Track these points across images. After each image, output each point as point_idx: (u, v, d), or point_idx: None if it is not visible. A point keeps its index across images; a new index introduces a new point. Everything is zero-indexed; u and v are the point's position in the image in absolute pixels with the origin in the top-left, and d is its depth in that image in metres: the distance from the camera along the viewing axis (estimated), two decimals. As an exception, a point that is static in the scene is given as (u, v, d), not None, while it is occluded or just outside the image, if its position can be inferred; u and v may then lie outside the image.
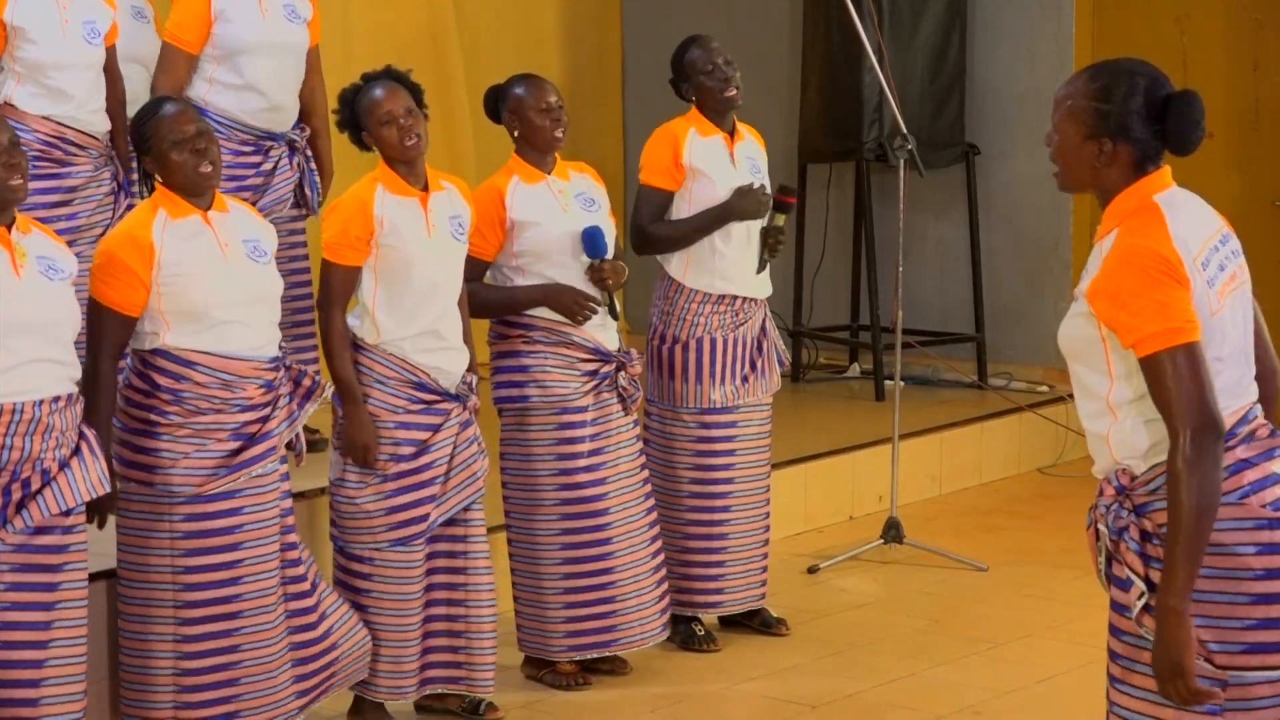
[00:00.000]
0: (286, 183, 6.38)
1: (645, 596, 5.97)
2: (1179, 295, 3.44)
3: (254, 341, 5.02)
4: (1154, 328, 3.43)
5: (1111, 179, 3.57)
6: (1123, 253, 3.48)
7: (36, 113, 5.99)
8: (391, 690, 5.49)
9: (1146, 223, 3.51)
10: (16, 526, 4.58)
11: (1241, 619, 3.47)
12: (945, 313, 9.19)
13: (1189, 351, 3.42)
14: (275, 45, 6.30)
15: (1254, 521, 3.47)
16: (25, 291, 4.57)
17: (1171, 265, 3.45)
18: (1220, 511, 3.45)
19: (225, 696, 5.02)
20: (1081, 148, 3.57)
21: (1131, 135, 3.53)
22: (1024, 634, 6.38)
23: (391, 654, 5.46)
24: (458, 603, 5.55)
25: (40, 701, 4.64)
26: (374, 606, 5.44)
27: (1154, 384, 3.45)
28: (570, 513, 5.86)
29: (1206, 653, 3.48)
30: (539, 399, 5.82)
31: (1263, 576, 3.46)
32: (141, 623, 5.01)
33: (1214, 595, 3.47)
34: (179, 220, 4.98)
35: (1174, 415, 3.42)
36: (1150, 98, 3.53)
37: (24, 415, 4.55)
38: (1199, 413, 3.41)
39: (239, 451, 5.00)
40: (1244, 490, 3.49)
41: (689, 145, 6.19)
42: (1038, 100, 9.06)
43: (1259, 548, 3.46)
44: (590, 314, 5.80)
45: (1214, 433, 3.41)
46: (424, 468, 5.44)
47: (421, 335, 5.42)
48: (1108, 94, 3.55)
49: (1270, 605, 3.47)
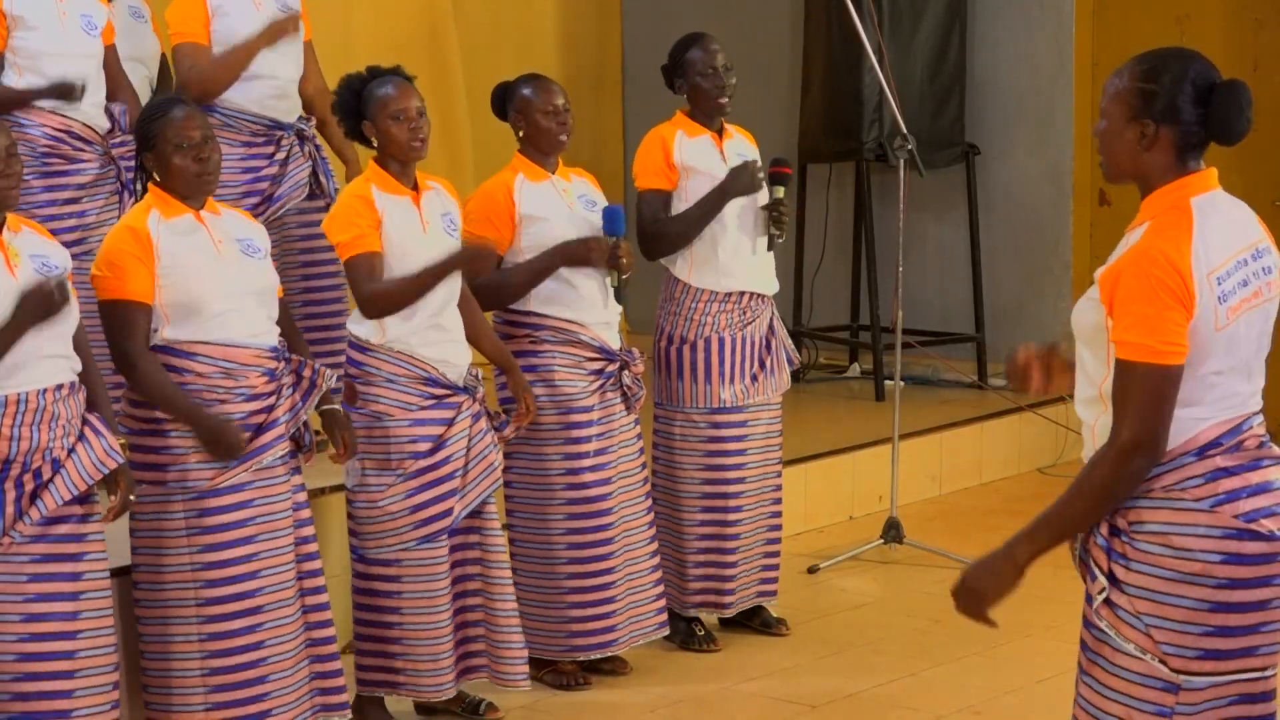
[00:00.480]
0: (301, 169, 6.38)
1: (643, 594, 5.98)
2: (1172, 316, 3.44)
3: (252, 329, 5.03)
4: (1136, 338, 3.45)
5: (1153, 165, 3.54)
6: (1140, 251, 3.48)
7: (41, 106, 5.99)
8: (435, 688, 5.50)
9: (1173, 225, 3.49)
10: (33, 518, 4.59)
11: (1199, 625, 3.48)
12: (945, 313, 9.20)
13: (1163, 374, 3.44)
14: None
15: (1222, 530, 3.48)
16: (21, 290, 4.57)
17: (1180, 278, 3.44)
18: (1191, 517, 3.49)
19: (256, 695, 5.03)
20: (1125, 130, 3.55)
21: (1175, 118, 3.51)
22: (1024, 634, 6.38)
23: (428, 652, 5.47)
24: (480, 593, 5.56)
25: (75, 693, 4.66)
26: (406, 608, 5.45)
27: (1118, 384, 3.48)
28: (576, 512, 5.86)
29: (1161, 654, 3.50)
30: (547, 398, 5.82)
31: (1225, 585, 3.47)
32: (164, 624, 5.02)
33: (1174, 599, 3.49)
34: (172, 219, 5.00)
35: (1121, 417, 3.47)
36: (1198, 83, 3.51)
37: (29, 405, 4.57)
38: (1142, 431, 3.45)
39: (246, 443, 5.00)
40: (1218, 498, 3.49)
41: (678, 146, 6.20)
42: (1038, 100, 9.08)
43: (1224, 557, 3.47)
44: (603, 252, 5.77)
45: (1146, 454, 3.46)
46: (443, 462, 5.44)
47: (425, 330, 5.42)
48: (1155, 76, 3.53)
49: (1229, 614, 3.48)
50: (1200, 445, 3.51)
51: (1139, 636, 3.52)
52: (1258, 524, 3.47)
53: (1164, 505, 3.50)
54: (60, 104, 6.02)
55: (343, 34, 8.27)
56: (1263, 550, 3.48)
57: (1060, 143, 9.02)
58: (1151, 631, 3.50)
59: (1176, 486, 3.50)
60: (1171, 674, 3.49)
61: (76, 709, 4.66)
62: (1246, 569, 3.47)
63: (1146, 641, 3.51)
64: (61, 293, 4.56)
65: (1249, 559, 3.47)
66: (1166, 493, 3.50)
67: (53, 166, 5.94)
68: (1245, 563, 3.47)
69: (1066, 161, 9.02)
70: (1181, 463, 3.50)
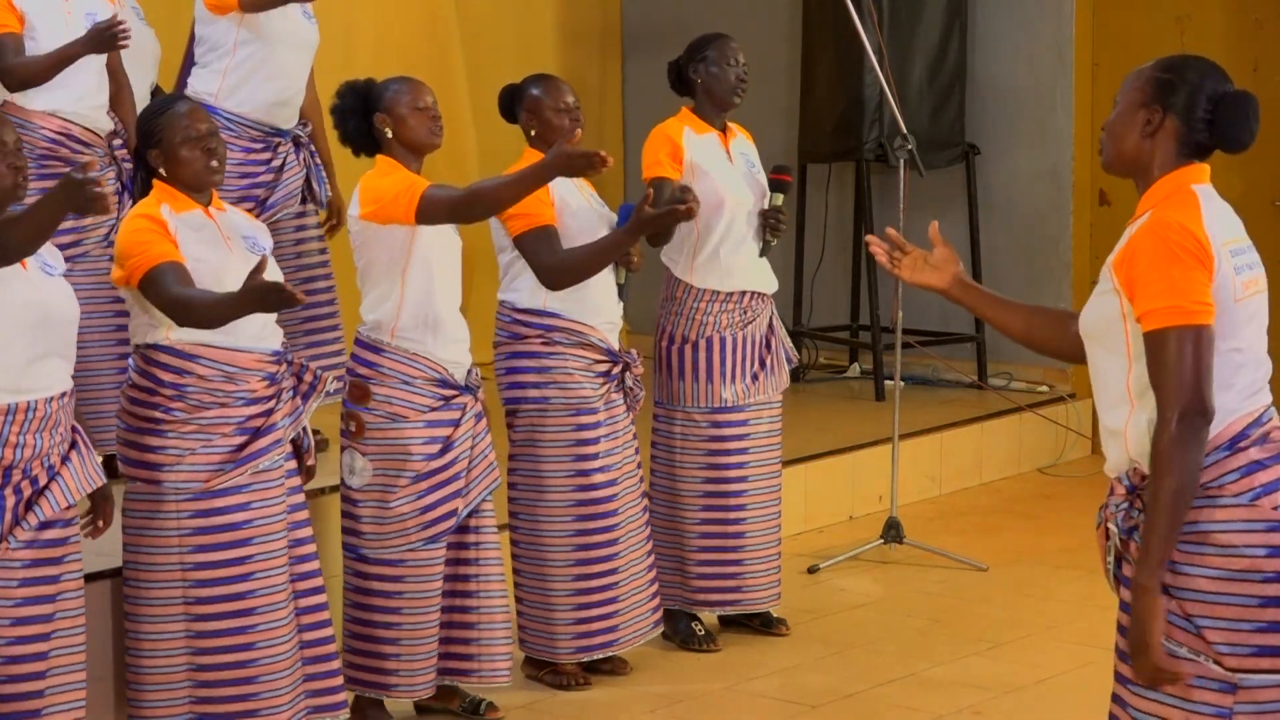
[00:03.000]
0: (296, 178, 6.40)
1: (641, 595, 5.99)
2: (1198, 276, 3.43)
3: (255, 331, 5.03)
4: (1164, 302, 3.43)
5: (1153, 154, 3.56)
6: (1152, 225, 3.49)
7: (40, 109, 5.99)
8: (421, 687, 5.51)
9: (1181, 203, 3.51)
10: (30, 523, 4.59)
11: (1251, 621, 3.46)
12: (945, 313, 9.18)
13: (1196, 334, 3.42)
14: (294, 40, 6.33)
15: (1265, 524, 3.47)
16: (32, 289, 4.57)
17: (1199, 243, 3.45)
18: (1231, 513, 3.46)
19: (243, 695, 5.01)
20: (1133, 114, 3.58)
21: (1184, 113, 3.53)
22: (1024, 634, 6.38)
23: (418, 651, 5.48)
24: (470, 594, 5.56)
25: (45, 693, 4.65)
26: (405, 608, 5.45)
27: (1153, 360, 3.46)
28: (584, 514, 5.86)
29: (1215, 654, 3.47)
30: (559, 400, 5.82)
31: (1273, 579, 3.46)
32: (152, 623, 5.00)
33: (1224, 597, 3.47)
34: (182, 213, 5.00)
35: (1166, 393, 3.43)
36: (1211, 85, 3.54)
37: (36, 413, 4.56)
38: (1192, 394, 3.41)
39: (244, 446, 5.00)
40: (1255, 492, 3.48)
41: (687, 143, 6.21)
42: (1038, 100, 9.07)
43: (1270, 550, 3.46)
44: (593, 162, 5.35)
45: (1202, 417, 3.42)
46: (450, 464, 5.46)
47: (435, 331, 5.43)
48: (1175, 69, 3.56)
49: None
50: (1230, 438, 3.50)
51: (1191, 639, 3.49)
52: None
53: (1203, 503, 3.48)
54: (61, 106, 6.02)
55: (343, 34, 8.27)
56: None
57: (1060, 143, 9.02)
58: (1204, 632, 3.47)
59: (1214, 484, 3.48)
60: (1227, 674, 3.47)
61: (46, 707, 4.65)
62: None
63: (1199, 643, 3.48)
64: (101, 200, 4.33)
65: None
66: (1204, 490, 3.48)
67: (50, 169, 5.94)
68: None
69: (1066, 161, 9.01)
70: (1215, 458, 3.49)
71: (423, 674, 5.50)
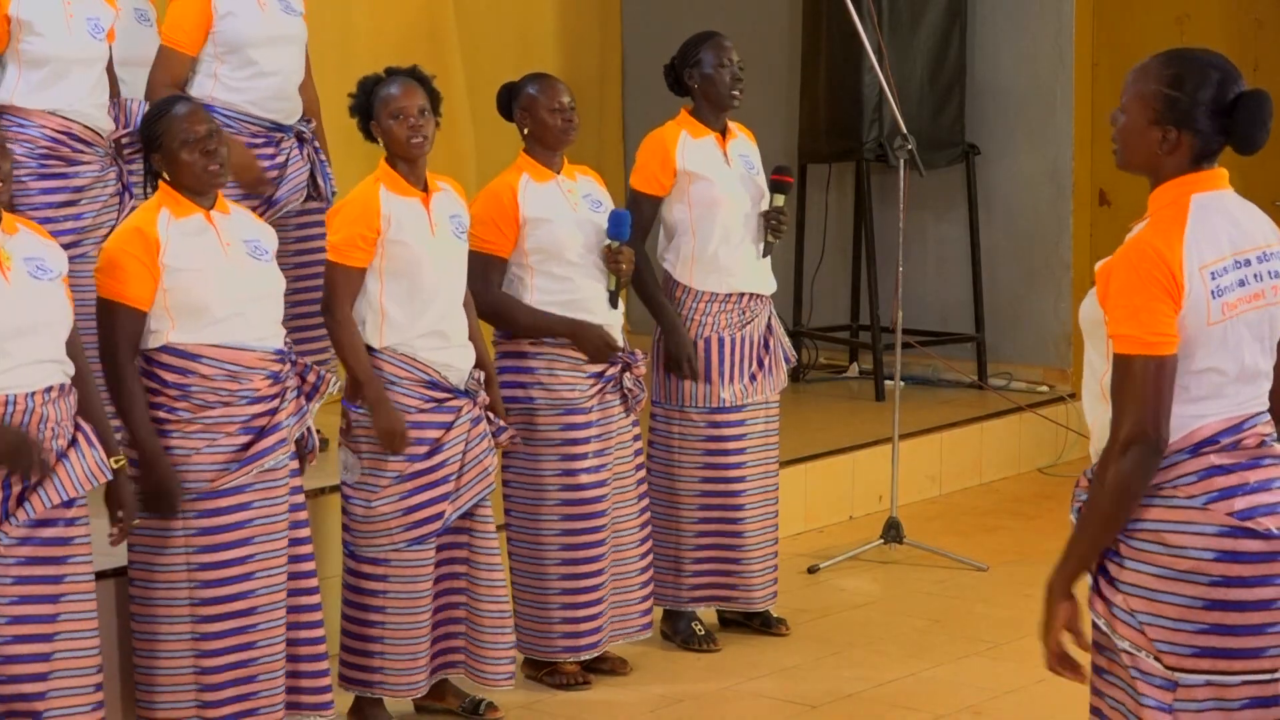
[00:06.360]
0: (300, 172, 6.39)
1: (629, 595, 6.01)
2: (1160, 307, 3.46)
3: (258, 333, 5.03)
4: (1127, 330, 3.47)
5: (1169, 167, 3.57)
6: (1131, 246, 3.52)
7: (41, 108, 5.99)
8: (406, 687, 5.51)
9: (1168, 220, 3.53)
10: (19, 519, 4.58)
11: (1194, 623, 3.49)
12: (945, 313, 9.19)
13: (1158, 364, 3.46)
14: (277, 37, 6.32)
15: (1216, 528, 3.49)
16: (14, 295, 4.56)
17: (1167, 269, 3.46)
18: (1183, 514, 3.50)
19: (245, 694, 5.03)
20: (1147, 132, 3.57)
21: (1196, 127, 3.54)
22: (1024, 634, 6.37)
23: (404, 651, 5.47)
24: (464, 591, 5.56)
25: (48, 695, 4.65)
26: (390, 607, 5.46)
27: (1115, 378, 3.51)
28: (571, 514, 5.86)
29: (1155, 651, 3.50)
30: (544, 400, 5.83)
31: (1219, 583, 3.48)
32: (157, 623, 5.01)
33: (1168, 596, 3.49)
34: (182, 219, 5.00)
35: (1120, 416, 3.48)
36: (1220, 93, 3.54)
37: (17, 406, 4.54)
38: (1142, 424, 3.45)
39: (248, 446, 5.00)
40: (1211, 495, 3.50)
41: (681, 150, 6.20)
42: (1038, 100, 9.07)
43: (1218, 554, 3.48)
44: (611, 359, 5.84)
45: (1150, 448, 3.46)
46: (438, 466, 5.45)
47: (428, 335, 5.43)
48: (1180, 83, 3.54)
49: (1224, 612, 3.48)
50: (1195, 443, 3.52)
51: (1133, 634, 3.53)
52: (1255, 522, 3.48)
53: (1157, 503, 3.51)
54: (61, 105, 6.02)
55: (342, 34, 8.26)
56: (1261, 549, 3.48)
57: (1060, 143, 9.02)
58: (1145, 628, 3.51)
59: (1169, 484, 3.51)
60: (1167, 671, 3.50)
61: (49, 710, 4.64)
62: (1243, 567, 3.47)
63: (1141, 639, 3.52)
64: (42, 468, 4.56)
65: (1245, 557, 3.47)
66: (1159, 490, 3.51)
67: (51, 168, 5.94)
68: (1241, 560, 3.47)
69: (1066, 161, 9.01)
70: (1175, 460, 3.51)
71: (410, 674, 5.49)
